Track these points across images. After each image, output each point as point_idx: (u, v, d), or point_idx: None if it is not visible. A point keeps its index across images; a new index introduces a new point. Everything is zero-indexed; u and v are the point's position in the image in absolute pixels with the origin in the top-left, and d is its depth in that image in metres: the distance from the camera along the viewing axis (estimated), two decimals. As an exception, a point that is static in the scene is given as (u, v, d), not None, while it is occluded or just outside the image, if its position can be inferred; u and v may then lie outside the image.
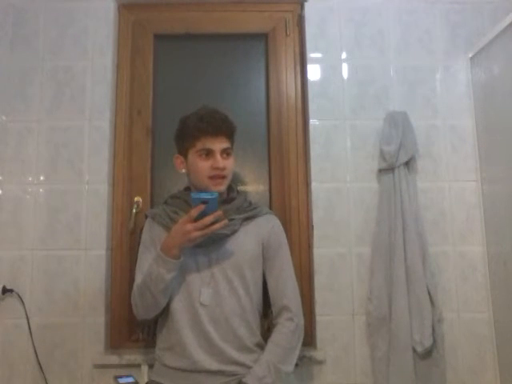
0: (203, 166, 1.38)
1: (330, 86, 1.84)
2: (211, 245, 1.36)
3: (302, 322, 1.40)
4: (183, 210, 1.39)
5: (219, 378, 1.31)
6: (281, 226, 1.50)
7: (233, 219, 1.38)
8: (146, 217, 1.50)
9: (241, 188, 1.81)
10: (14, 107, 1.78)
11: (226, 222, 1.30)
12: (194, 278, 1.36)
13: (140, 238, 1.47)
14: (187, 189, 1.50)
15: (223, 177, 1.38)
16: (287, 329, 1.36)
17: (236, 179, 1.51)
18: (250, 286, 1.38)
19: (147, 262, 1.35)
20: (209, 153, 1.38)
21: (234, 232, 1.39)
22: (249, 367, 1.32)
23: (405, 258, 1.64)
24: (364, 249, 1.73)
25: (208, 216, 1.26)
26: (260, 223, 1.45)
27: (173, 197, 1.50)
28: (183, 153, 1.43)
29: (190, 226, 1.26)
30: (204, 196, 1.26)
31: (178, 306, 1.34)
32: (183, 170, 1.45)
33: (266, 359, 1.31)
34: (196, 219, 1.26)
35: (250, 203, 1.50)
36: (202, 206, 1.25)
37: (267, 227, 1.45)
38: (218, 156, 1.37)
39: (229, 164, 1.40)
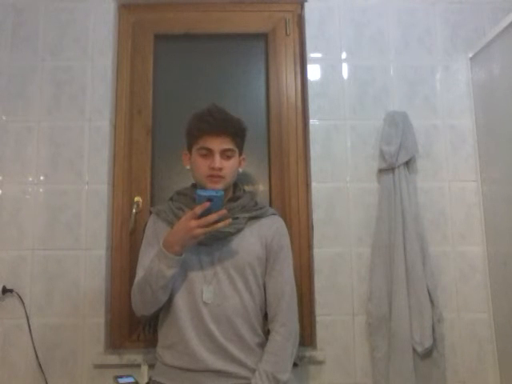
0: (202, 164, 1.38)
1: (329, 86, 1.84)
2: (215, 243, 1.36)
3: (296, 327, 1.39)
4: (188, 206, 1.38)
5: (221, 378, 1.30)
6: (285, 229, 1.48)
7: (237, 218, 1.38)
8: (151, 213, 1.50)
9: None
10: (14, 107, 1.79)
11: (229, 221, 1.29)
12: (197, 275, 1.35)
13: (143, 234, 1.47)
14: (194, 186, 1.49)
15: (220, 177, 1.37)
16: (281, 336, 1.35)
17: (237, 179, 1.51)
18: (253, 286, 1.37)
19: (149, 258, 1.34)
20: (208, 152, 1.37)
21: (238, 231, 1.38)
22: (251, 369, 1.32)
23: (405, 257, 1.64)
24: (364, 249, 1.73)
25: (212, 214, 1.25)
26: (265, 224, 1.44)
27: (179, 193, 1.50)
28: (189, 149, 1.44)
29: (193, 223, 1.25)
30: (209, 193, 1.26)
31: (181, 304, 1.34)
32: (188, 167, 1.46)
33: (265, 370, 1.30)
34: (200, 216, 1.25)
35: (256, 203, 1.49)
36: (207, 204, 1.24)
37: (271, 228, 1.44)
38: (217, 156, 1.36)
39: (228, 165, 1.38)
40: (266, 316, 1.42)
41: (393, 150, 1.71)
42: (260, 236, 1.41)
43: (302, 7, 1.93)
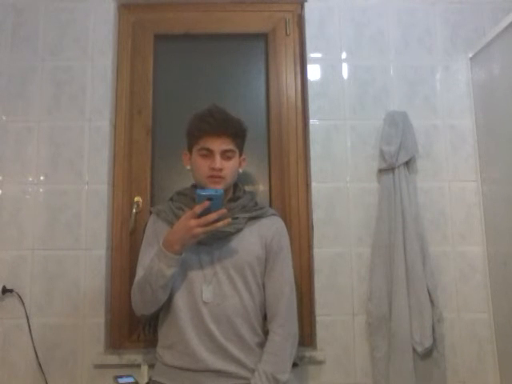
0: (203, 164, 1.38)
1: (329, 86, 1.84)
2: (215, 243, 1.36)
3: (295, 328, 1.39)
4: (188, 206, 1.38)
5: (221, 378, 1.30)
6: (285, 229, 1.48)
7: (237, 218, 1.37)
8: (151, 213, 1.50)
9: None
10: (14, 107, 1.79)
11: (229, 220, 1.29)
12: (197, 275, 1.35)
13: (143, 234, 1.47)
14: (194, 186, 1.49)
15: (220, 177, 1.37)
16: (280, 336, 1.34)
17: (238, 179, 1.51)
18: (253, 286, 1.37)
19: (149, 258, 1.34)
20: (209, 152, 1.38)
21: (238, 231, 1.38)
22: (251, 369, 1.32)
23: (405, 257, 1.64)
24: (364, 249, 1.73)
25: (212, 213, 1.25)
26: (264, 224, 1.44)
27: (179, 193, 1.50)
28: (189, 149, 1.44)
29: (193, 222, 1.25)
30: (209, 192, 1.26)
31: (180, 304, 1.34)
32: (188, 167, 1.46)
33: (264, 370, 1.30)
34: (200, 216, 1.25)
35: (256, 203, 1.49)
36: (207, 203, 1.24)
37: (271, 229, 1.44)
38: (218, 157, 1.36)
39: (228, 166, 1.39)
40: (265, 316, 1.42)
41: (393, 150, 1.71)
42: (260, 236, 1.41)
43: (302, 7, 1.93)
